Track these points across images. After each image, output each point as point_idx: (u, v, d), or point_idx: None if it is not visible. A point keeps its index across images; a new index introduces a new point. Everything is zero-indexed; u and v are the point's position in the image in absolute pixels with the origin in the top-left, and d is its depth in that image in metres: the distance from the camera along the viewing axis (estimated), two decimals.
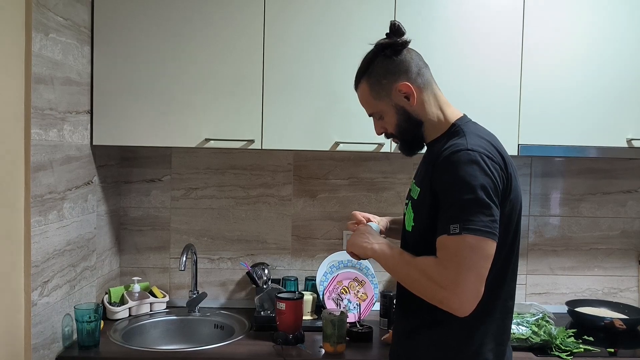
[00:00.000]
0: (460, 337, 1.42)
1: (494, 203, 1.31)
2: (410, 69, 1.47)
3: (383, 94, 1.49)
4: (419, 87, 1.47)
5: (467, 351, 1.42)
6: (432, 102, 1.50)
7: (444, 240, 1.31)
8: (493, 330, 1.44)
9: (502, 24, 2.13)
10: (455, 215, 1.30)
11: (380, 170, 2.50)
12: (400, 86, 1.46)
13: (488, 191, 1.30)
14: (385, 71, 1.47)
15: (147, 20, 2.09)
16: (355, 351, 1.97)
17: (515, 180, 1.42)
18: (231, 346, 1.99)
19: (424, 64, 1.51)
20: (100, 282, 2.25)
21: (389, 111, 1.50)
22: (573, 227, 2.57)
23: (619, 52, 2.15)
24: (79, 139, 2.02)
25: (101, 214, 2.25)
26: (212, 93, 2.11)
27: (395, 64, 1.47)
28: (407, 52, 1.49)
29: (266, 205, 2.50)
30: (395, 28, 1.48)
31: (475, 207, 1.29)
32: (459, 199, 1.30)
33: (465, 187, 1.30)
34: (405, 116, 1.49)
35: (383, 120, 1.53)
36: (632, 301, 2.57)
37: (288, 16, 2.10)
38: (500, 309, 1.44)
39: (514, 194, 1.40)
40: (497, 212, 1.32)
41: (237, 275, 2.51)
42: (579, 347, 2.00)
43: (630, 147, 2.17)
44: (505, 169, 1.37)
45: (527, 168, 2.54)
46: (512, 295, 1.50)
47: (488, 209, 1.30)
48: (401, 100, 1.47)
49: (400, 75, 1.46)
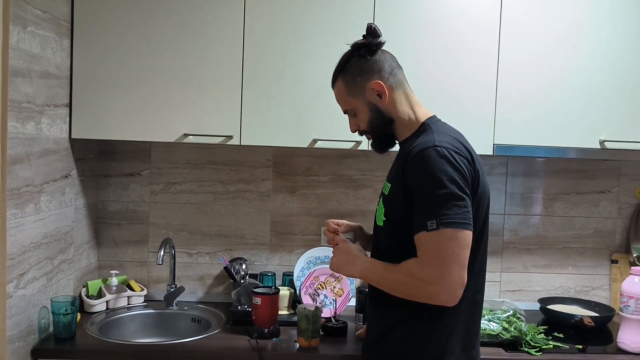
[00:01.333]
0: (428, 330, 1.47)
1: (466, 194, 1.37)
2: (383, 68, 1.54)
3: (357, 92, 1.55)
4: (391, 86, 1.54)
5: (435, 343, 1.47)
6: (404, 101, 1.56)
7: (422, 237, 1.36)
8: (461, 323, 1.48)
9: (479, 25, 2.16)
10: (431, 211, 1.35)
11: (358, 168, 2.53)
12: (373, 84, 1.53)
13: (459, 184, 1.36)
14: (360, 70, 1.54)
15: (128, 14, 2.09)
16: (330, 346, 2.00)
17: (482, 176, 1.47)
18: (207, 340, 2.01)
19: (398, 66, 1.58)
20: (78, 275, 2.26)
21: (362, 108, 1.57)
22: (547, 226, 2.62)
23: (593, 56, 2.19)
24: (57, 132, 2.02)
25: (79, 207, 2.25)
26: (192, 88, 2.12)
27: (369, 64, 1.54)
28: (382, 53, 1.56)
29: (245, 200, 2.52)
30: (371, 30, 1.55)
31: (448, 200, 1.34)
32: (433, 194, 1.35)
33: (437, 183, 1.36)
34: (377, 113, 1.56)
35: (357, 117, 1.60)
36: (604, 299, 2.63)
37: (268, 13, 2.11)
38: (467, 302, 1.47)
39: (481, 189, 1.45)
40: (469, 203, 1.37)
41: (215, 269, 2.53)
42: (549, 343, 2.04)
43: (603, 149, 2.21)
44: (472, 164, 1.43)
45: (503, 167, 2.58)
46: (480, 290, 1.54)
47: (461, 200, 1.35)
48: (374, 98, 1.54)
49: (373, 74, 1.53)
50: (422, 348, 1.48)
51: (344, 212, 2.53)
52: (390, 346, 1.52)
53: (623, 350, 2.05)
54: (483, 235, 1.51)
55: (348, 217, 2.51)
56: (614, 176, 2.61)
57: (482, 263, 1.53)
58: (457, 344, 1.47)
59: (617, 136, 2.21)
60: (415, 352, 1.49)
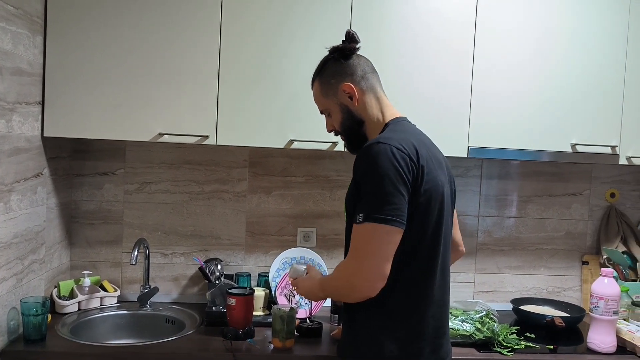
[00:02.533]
0: (395, 329, 1.51)
1: (399, 192, 1.40)
2: (355, 72, 1.62)
3: (331, 93, 1.64)
4: (362, 89, 1.61)
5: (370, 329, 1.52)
6: (374, 104, 1.63)
7: (353, 229, 1.45)
8: (399, 316, 1.50)
9: (454, 28, 2.18)
10: (362, 205, 1.42)
11: (334, 169, 2.54)
12: (344, 86, 1.61)
13: (392, 180, 1.40)
14: (334, 72, 1.63)
15: (103, 11, 2.06)
16: (304, 346, 2.00)
17: (431, 173, 1.48)
18: (180, 341, 1.99)
19: (372, 70, 1.65)
20: (49, 276, 2.22)
21: (335, 109, 1.65)
22: (520, 227, 2.65)
23: (566, 60, 2.23)
24: (29, 130, 1.99)
25: (51, 206, 2.21)
26: (167, 87, 2.10)
27: (343, 67, 1.62)
28: (357, 57, 1.64)
29: (221, 200, 2.51)
30: (349, 36, 1.64)
31: (377, 196, 1.40)
32: (366, 189, 1.43)
33: (370, 178, 1.42)
34: (348, 114, 1.63)
35: (331, 117, 1.68)
36: (575, 300, 2.67)
37: (246, 12, 2.11)
38: (416, 296, 1.51)
39: (429, 185, 1.47)
40: (402, 200, 1.41)
41: (190, 270, 2.51)
42: (520, 343, 2.07)
43: (574, 152, 2.26)
44: (416, 161, 1.45)
45: (478, 170, 2.61)
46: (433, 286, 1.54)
47: (391, 197, 1.39)
48: (345, 99, 1.62)
49: (346, 77, 1.61)
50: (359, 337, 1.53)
51: (321, 213, 2.53)
52: (343, 337, 1.60)
53: (593, 350, 2.08)
54: (440, 232, 1.53)
55: (324, 217, 2.53)
56: (585, 179, 2.66)
57: (444, 261, 1.56)
58: (391, 342, 1.49)
59: (588, 140, 2.25)
60: (377, 349, 1.52)
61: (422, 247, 1.49)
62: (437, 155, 1.58)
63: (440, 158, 1.61)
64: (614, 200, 2.68)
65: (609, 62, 2.26)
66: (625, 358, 2.04)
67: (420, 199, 1.45)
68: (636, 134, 2.28)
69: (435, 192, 1.49)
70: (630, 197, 2.70)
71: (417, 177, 1.44)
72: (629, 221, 2.65)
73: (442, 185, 1.53)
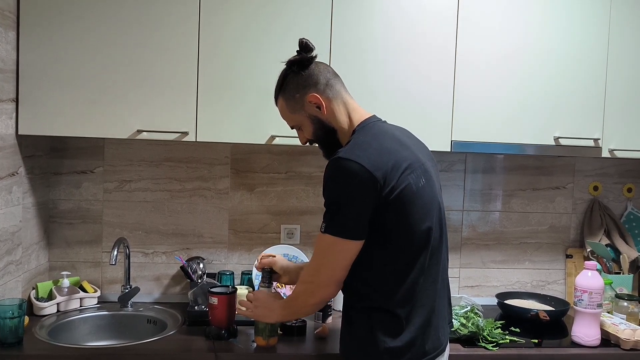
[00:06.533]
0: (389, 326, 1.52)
1: (358, 205, 1.43)
2: (318, 81, 1.60)
3: (297, 107, 1.62)
4: (328, 97, 1.60)
5: (362, 335, 1.54)
6: (342, 110, 1.62)
7: (318, 235, 1.52)
8: (398, 315, 1.50)
9: (436, 22, 2.17)
10: (324, 216, 1.49)
11: (317, 165, 2.51)
12: (310, 97, 1.59)
13: (349, 194, 1.43)
14: (297, 86, 1.61)
15: (78, 6, 2.01)
16: (288, 345, 1.97)
17: (403, 175, 1.46)
18: (162, 341, 1.96)
19: (334, 75, 1.64)
20: (26, 277, 2.17)
21: (305, 122, 1.64)
22: (505, 222, 2.65)
23: (548, 55, 2.23)
24: (3, 128, 1.94)
25: (28, 206, 2.16)
26: (146, 83, 2.06)
27: (304, 78, 1.60)
28: (315, 65, 1.62)
29: (202, 198, 2.47)
30: (303, 45, 1.61)
31: (334, 209, 1.46)
32: (327, 202, 1.48)
33: (330, 191, 1.47)
34: (319, 124, 1.62)
35: (303, 130, 1.67)
36: (559, 293, 2.68)
37: (224, 7, 2.07)
38: (417, 295, 1.51)
39: (397, 196, 1.45)
40: (361, 212, 1.44)
41: (172, 269, 2.47)
42: (505, 338, 2.07)
43: (557, 145, 2.25)
44: (381, 169, 1.43)
45: (462, 164, 2.60)
46: (434, 286, 1.57)
47: (348, 210, 1.44)
48: (313, 110, 1.61)
49: (310, 88, 1.59)
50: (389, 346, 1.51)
51: (304, 209, 2.51)
52: (353, 343, 1.58)
53: (577, 344, 2.08)
54: (430, 233, 1.53)
55: (308, 214, 2.50)
56: (568, 173, 2.66)
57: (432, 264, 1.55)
58: (381, 342, 1.50)
59: (571, 133, 2.25)
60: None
61: (415, 248, 1.50)
62: (415, 148, 1.57)
63: (421, 147, 1.62)
64: (597, 193, 2.68)
65: (591, 56, 2.25)
66: (609, 350, 2.05)
67: (394, 205, 1.45)
68: (618, 127, 2.29)
69: (410, 191, 1.47)
70: (613, 190, 2.70)
71: (383, 185, 1.43)
72: (612, 214, 2.66)
73: (428, 192, 1.53)
